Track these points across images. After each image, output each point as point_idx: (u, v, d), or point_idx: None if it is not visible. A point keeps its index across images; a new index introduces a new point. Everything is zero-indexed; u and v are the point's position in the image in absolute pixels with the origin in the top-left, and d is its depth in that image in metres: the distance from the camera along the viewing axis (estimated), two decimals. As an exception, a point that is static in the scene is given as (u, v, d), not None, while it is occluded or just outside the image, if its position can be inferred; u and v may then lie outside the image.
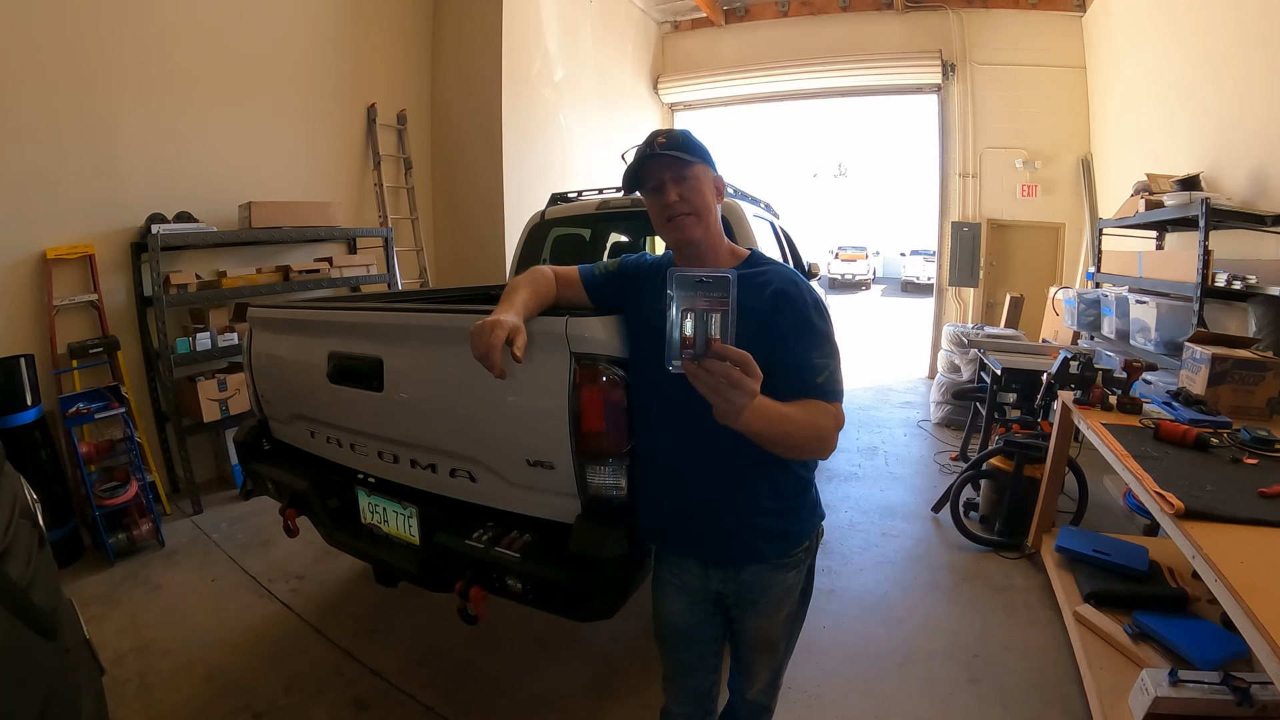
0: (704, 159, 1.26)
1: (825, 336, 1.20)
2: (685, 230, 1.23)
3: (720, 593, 1.35)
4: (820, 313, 1.21)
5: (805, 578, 1.40)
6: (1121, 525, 3.36)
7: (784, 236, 4.37)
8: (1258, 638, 1.18)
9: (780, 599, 1.35)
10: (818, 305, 1.22)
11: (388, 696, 2.20)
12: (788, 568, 1.33)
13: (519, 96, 5.47)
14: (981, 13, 6.66)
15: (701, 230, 1.25)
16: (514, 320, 1.19)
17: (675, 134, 1.26)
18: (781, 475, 1.28)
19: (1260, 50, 3.54)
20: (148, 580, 2.96)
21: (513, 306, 1.26)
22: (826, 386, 1.16)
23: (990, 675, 2.30)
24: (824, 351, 1.18)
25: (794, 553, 1.33)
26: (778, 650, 1.44)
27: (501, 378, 1.16)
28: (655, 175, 1.24)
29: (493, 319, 1.17)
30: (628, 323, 1.40)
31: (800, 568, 1.36)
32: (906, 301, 18.23)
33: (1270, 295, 2.93)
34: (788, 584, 1.35)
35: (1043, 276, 6.67)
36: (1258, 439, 2.08)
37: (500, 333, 1.14)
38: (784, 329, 1.17)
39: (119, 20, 3.53)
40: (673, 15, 8.07)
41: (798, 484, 1.32)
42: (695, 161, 1.24)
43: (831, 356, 1.18)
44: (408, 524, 1.85)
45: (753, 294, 1.18)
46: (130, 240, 3.65)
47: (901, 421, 5.69)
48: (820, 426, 1.13)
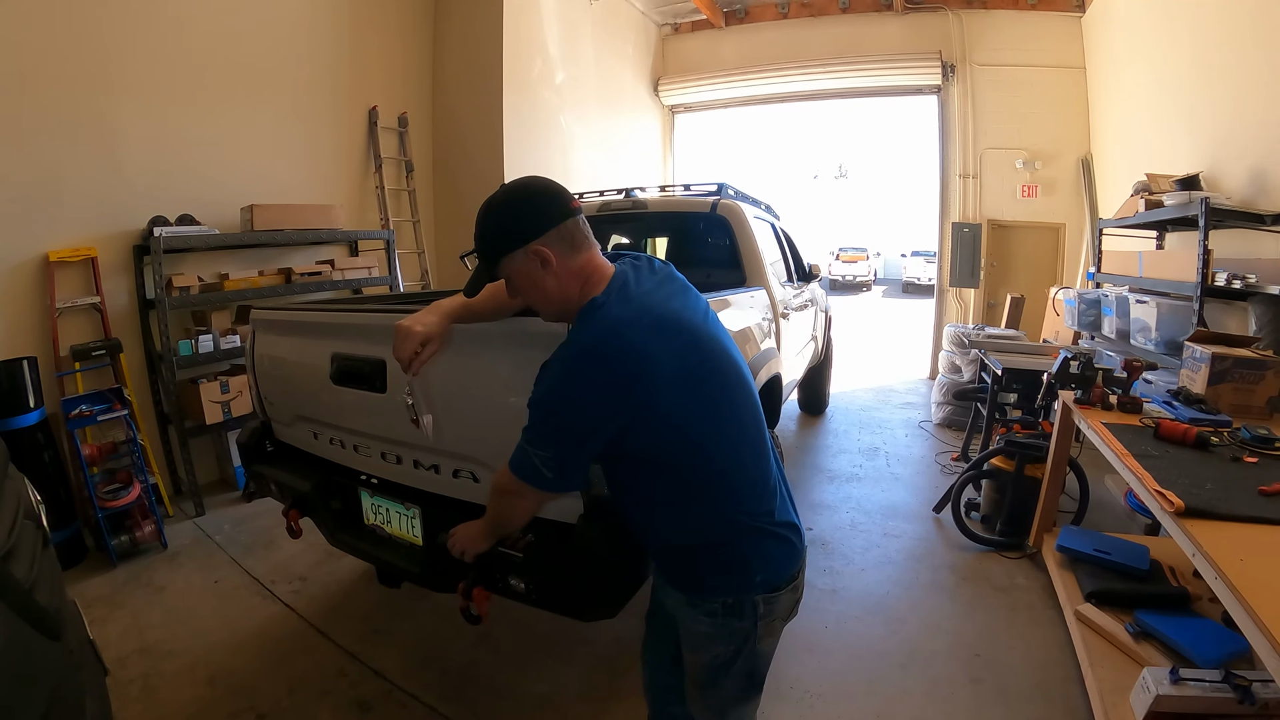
0: (501, 251, 1.16)
1: (533, 403, 1.13)
2: (543, 317, 1.27)
3: (663, 603, 1.38)
4: (542, 380, 1.14)
5: (734, 646, 1.25)
6: (1123, 525, 3.36)
7: (785, 238, 4.37)
8: (1258, 635, 1.18)
9: (696, 640, 1.28)
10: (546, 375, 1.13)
11: (391, 697, 2.21)
12: (699, 610, 1.24)
13: (520, 99, 5.49)
14: (981, 14, 6.68)
15: (544, 315, 1.25)
16: (427, 330, 1.26)
17: (478, 241, 1.19)
18: (665, 531, 1.25)
19: (1259, 49, 3.54)
20: (150, 582, 2.97)
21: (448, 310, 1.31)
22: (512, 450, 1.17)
23: (992, 675, 2.30)
24: (529, 416, 1.13)
25: (707, 601, 1.23)
26: (706, 693, 1.33)
27: (407, 372, 1.31)
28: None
29: (409, 325, 1.25)
30: None
31: (717, 621, 1.23)
32: (907, 302, 18.24)
33: (1270, 294, 2.93)
34: (700, 630, 1.25)
35: (1043, 277, 6.68)
36: (1258, 437, 2.08)
37: (409, 345, 1.25)
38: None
39: (121, 23, 3.54)
40: (673, 17, 8.08)
41: (691, 541, 1.23)
42: (496, 266, 1.18)
43: (528, 424, 1.13)
44: (410, 525, 1.86)
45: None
46: (133, 243, 3.66)
47: (903, 422, 5.68)
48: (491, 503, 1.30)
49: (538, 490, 1.16)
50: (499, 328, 1.48)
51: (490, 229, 1.17)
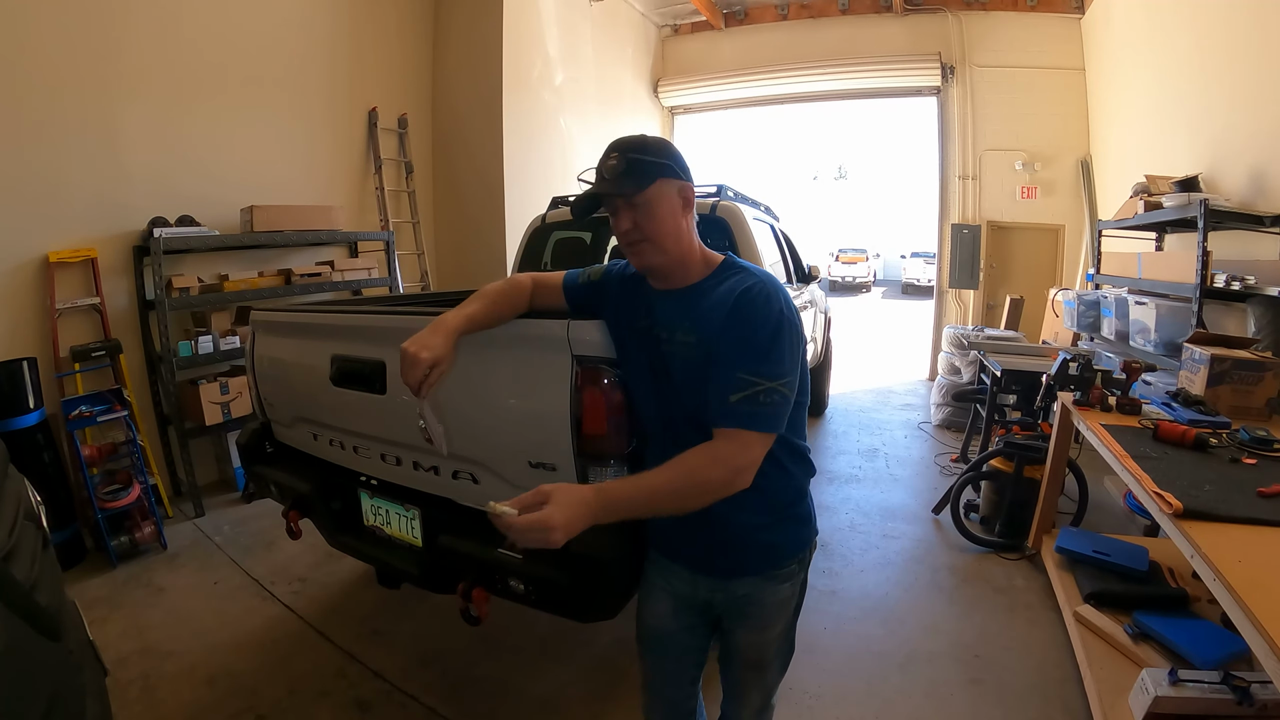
0: (662, 173, 1.14)
1: (764, 353, 1.05)
2: (642, 257, 1.19)
3: (709, 602, 1.31)
4: (778, 328, 1.07)
5: (799, 591, 1.34)
6: (1122, 526, 3.36)
7: (784, 239, 4.38)
8: (1256, 636, 1.19)
9: (773, 613, 1.31)
10: (780, 320, 1.08)
11: (390, 698, 2.21)
12: (779, 580, 1.27)
13: (520, 100, 5.49)
14: (980, 15, 6.69)
15: (659, 256, 1.17)
16: (433, 354, 1.19)
17: (633, 148, 1.15)
18: (773, 487, 1.19)
19: (1257, 50, 3.55)
20: (150, 583, 2.97)
21: (452, 328, 1.26)
22: (738, 409, 1.03)
23: (991, 675, 2.30)
24: (758, 370, 1.04)
25: (786, 566, 1.27)
26: (768, 670, 1.39)
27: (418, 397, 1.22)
28: (609, 201, 1.17)
29: (415, 351, 1.18)
30: (612, 333, 1.39)
31: (794, 581, 1.30)
32: (907, 304, 18.25)
33: (1269, 295, 2.93)
34: (780, 598, 1.29)
35: (1043, 278, 6.69)
36: (1257, 439, 2.08)
37: (418, 371, 1.17)
38: (724, 338, 1.08)
39: (123, 24, 3.55)
40: (672, 19, 8.10)
41: (790, 495, 1.26)
42: (647, 185, 1.13)
43: (765, 377, 1.04)
44: (410, 526, 1.86)
45: (716, 306, 1.12)
46: (132, 244, 3.66)
47: (902, 423, 5.69)
48: (698, 479, 1.02)
49: (775, 436, 1.08)
50: (499, 331, 1.48)
51: (654, 150, 1.15)
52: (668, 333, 1.19)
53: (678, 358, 1.17)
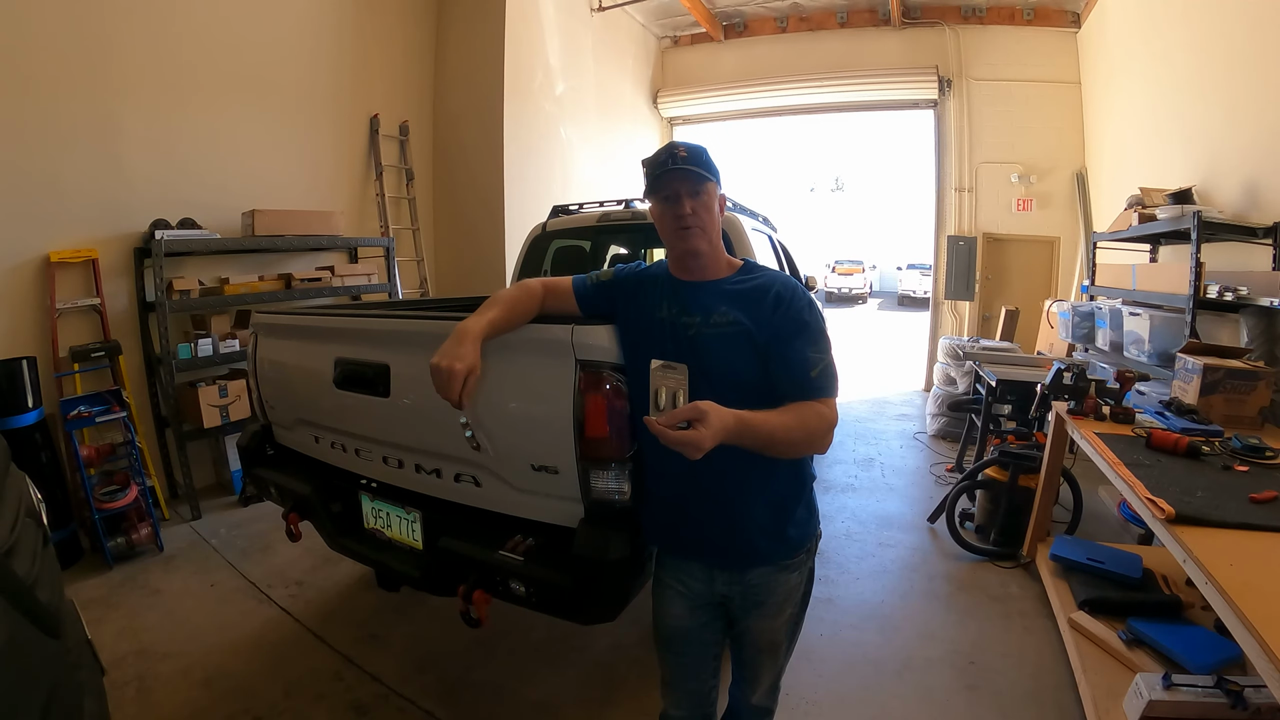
0: (716, 178, 1.33)
1: (819, 333, 1.27)
2: (692, 241, 1.31)
3: (725, 595, 1.38)
4: (813, 312, 1.28)
5: (807, 580, 1.44)
6: (1116, 535, 3.38)
7: (782, 250, 4.40)
8: (1249, 639, 1.20)
9: (784, 600, 1.38)
10: (811, 305, 1.29)
11: (387, 702, 2.20)
12: (791, 569, 1.37)
13: (520, 109, 5.54)
14: (978, 29, 6.77)
15: (706, 243, 1.32)
16: (467, 364, 1.25)
17: (695, 149, 1.32)
18: (781, 480, 1.32)
19: (1251, 64, 3.60)
20: (146, 584, 2.96)
21: (477, 334, 1.31)
22: (819, 381, 1.23)
23: (987, 682, 2.31)
24: (819, 347, 1.25)
25: (797, 554, 1.37)
26: (780, 652, 1.47)
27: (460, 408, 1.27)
28: (671, 186, 1.30)
29: (449, 365, 1.23)
30: (623, 331, 1.43)
31: (803, 569, 1.40)
32: (903, 315, 18.32)
33: (1261, 306, 2.96)
34: (791, 585, 1.38)
35: (1038, 290, 6.74)
36: (1249, 447, 2.11)
37: (455, 384, 1.23)
38: (781, 328, 1.25)
39: (125, 26, 3.58)
40: (672, 30, 8.17)
41: (797, 487, 1.36)
42: (709, 179, 1.31)
43: (824, 352, 1.25)
44: (411, 529, 1.86)
45: (755, 297, 1.29)
46: (134, 245, 3.68)
47: (898, 433, 5.71)
48: (810, 427, 1.20)
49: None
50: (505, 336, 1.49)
51: (709, 158, 1.33)
52: (701, 316, 1.29)
53: (712, 338, 1.27)
